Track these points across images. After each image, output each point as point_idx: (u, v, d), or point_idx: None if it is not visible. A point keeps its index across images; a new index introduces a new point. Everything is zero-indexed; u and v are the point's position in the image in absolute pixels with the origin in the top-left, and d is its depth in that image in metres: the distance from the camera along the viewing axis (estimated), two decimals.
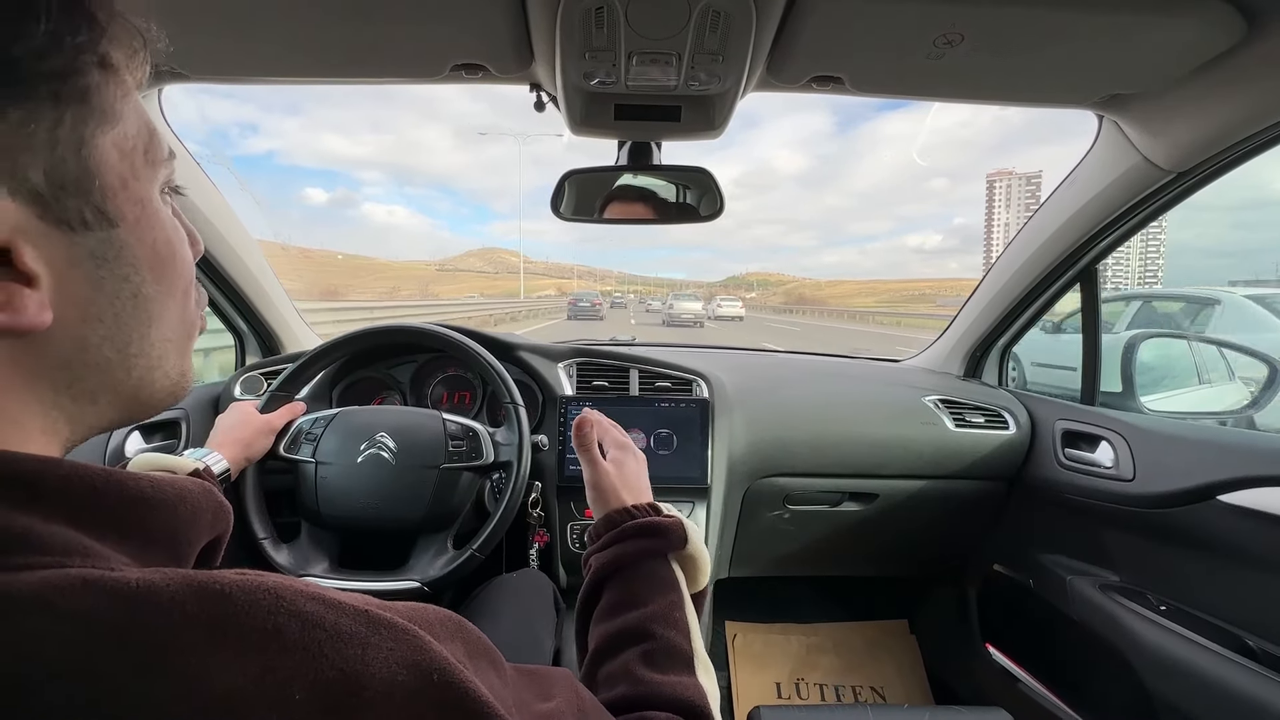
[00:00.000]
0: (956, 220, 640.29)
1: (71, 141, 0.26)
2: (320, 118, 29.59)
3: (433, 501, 0.86)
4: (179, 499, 0.29)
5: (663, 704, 0.40)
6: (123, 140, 0.29)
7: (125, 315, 0.29)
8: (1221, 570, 0.92)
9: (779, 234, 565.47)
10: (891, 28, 0.69)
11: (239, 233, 1.18)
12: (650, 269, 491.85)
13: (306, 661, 0.22)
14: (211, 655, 0.21)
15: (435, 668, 0.24)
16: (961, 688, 1.46)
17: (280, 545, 0.87)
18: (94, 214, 0.27)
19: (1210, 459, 0.92)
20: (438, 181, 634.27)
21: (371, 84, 0.89)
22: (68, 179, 0.26)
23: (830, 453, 1.23)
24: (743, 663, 1.57)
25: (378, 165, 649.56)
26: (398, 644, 0.24)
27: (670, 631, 0.45)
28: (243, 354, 1.36)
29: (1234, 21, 0.65)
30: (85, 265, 0.27)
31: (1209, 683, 0.85)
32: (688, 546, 0.51)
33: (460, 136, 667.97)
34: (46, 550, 0.23)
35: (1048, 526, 1.23)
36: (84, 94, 0.27)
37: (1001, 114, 44.06)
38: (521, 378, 1.14)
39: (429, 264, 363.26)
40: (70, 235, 0.27)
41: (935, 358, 1.53)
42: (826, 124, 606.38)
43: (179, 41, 0.30)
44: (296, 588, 0.24)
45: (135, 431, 1.02)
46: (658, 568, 0.50)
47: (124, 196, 0.29)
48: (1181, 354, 1.61)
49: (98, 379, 0.29)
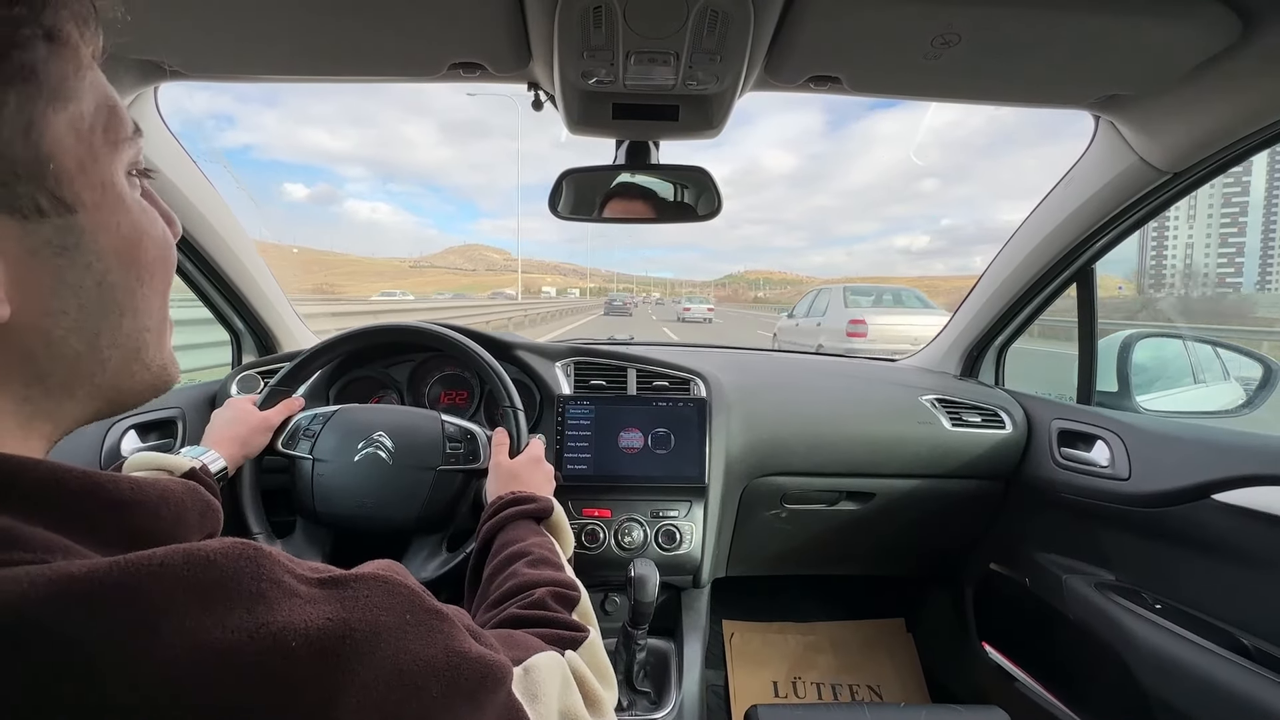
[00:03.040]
0: (945, 222, 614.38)
1: (18, 123, 0.25)
2: (300, 111, 28.64)
3: (428, 503, 0.86)
4: (161, 500, 0.28)
5: (543, 583, 0.53)
6: (78, 119, 0.27)
7: (91, 306, 0.28)
8: (1216, 569, 0.92)
9: (767, 234, 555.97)
10: (889, 28, 0.69)
11: (235, 231, 1.18)
12: (639, 268, 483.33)
13: (295, 617, 0.24)
14: (205, 614, 0.22)
15: (407, 604, 0.28)
16: (958, 686, 1.47)
17: (274, 541, 0.86)
18: (49, 200, 0.26)
19: (1205, 458, 0.93)
20: (423, 178, 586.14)
21: (368, 83, 0.88)
22: (17, 164, 0.25)
23: (827, 452, 1.23)
24: (740, 661, 1.58)
25: (361, 161, 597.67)
26: (372, 591, 0.27)
27: (545, 553, 0.60)
28: (239, 353, 1.36)
29: (1230, 22, 0.66)
30: (43, 254, 0.26)
31: (1204, 681, 0.85)
32: (553, 516, 0.70)
33: (445, 131, 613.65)
34: (29, 548, 0.23)
35: (1044, 525, 1.23)
36: (29, 70, 0.25)
37: (994, 115, 44.08)
38: (519, 377, 1.14)
39: (403, 261, 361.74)
40: (24, 223, 0.25)
41: (932, 357, 1.54)
42: (818, 123, 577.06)
43: (176, 39, 0.30)
44: (273, 557, 0.26)
45: (131, 430, 1.02)
46: (531, 526, 0.67)
47: (82, 181, 0.27)
48: (1176, 354, 1.61)
49: (69, 372, 0.28)
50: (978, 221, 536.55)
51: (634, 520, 1.07)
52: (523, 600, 0.51)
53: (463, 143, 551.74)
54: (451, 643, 0.28)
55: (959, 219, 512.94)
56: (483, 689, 0.29)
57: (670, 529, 1.07)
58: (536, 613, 0.49)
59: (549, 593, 0.51)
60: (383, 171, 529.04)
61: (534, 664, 0.38)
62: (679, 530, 1.07)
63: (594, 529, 1.06)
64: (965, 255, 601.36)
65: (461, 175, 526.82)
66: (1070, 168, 1.08)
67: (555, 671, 0.40)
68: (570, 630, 0.47)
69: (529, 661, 0.38)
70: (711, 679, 1.53)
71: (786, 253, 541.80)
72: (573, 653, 0.44)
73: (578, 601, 0.53)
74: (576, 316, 26.06)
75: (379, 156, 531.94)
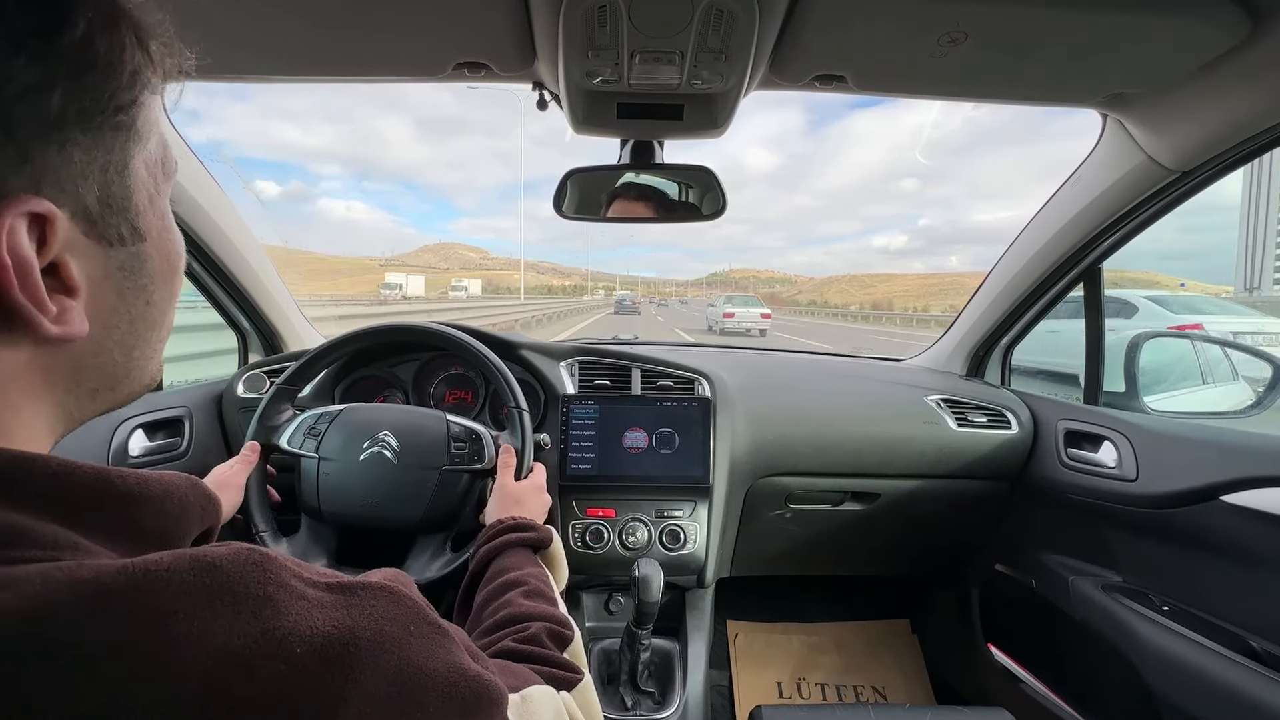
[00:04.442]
0: (922, 221, 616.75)
1: (119, 163, 0.28)
2: (271, 106, 28.04)
3: (432, 503, 0.86)
4: (165, 494, 0.29)
5: (538, 617, 0.53)
6: (149, 157, 0.30)
7: (138, 322, 0.31)
8: (1225, 571, 0.91)
9: (747, 234, 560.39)
10: (895, 26, 0.69)
11: (242, 232, 1.19)
12: (620, 268, 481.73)
13: (300, 622, 0.24)
14: (212, 618, 0.22)
15: (412, 616, 0.28)
16: (963, 688, 1.46)
17: (280, 538, 0.87)
18: (129, 230, 0.29)
19: (1214, 459, 0.92)
20: (400, 176, 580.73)
21: (374, 83, 0.89)
22: (114, 199, 0.28)
23: (832, 452, 1.23)
24: (744, 662, 1.57)
25: (336, 158, 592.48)
26: (378, 601, 0.27)
27: (541, 585, 0.59)
28: (245, 352, 1.37)
29: (1239, 20, 0.65)
30: (114, 277, 0.29)
31: (1212, 684, 0.84)
32: (550, 548, 0.69)
33: (422, 128, 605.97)
34: (39, 545, 0.23)
35: (1050, 526, 1.23)
36: (133, 120, 0.28)
37: (972, 115, 42.43)
38: (524, 376, 1.14)
39: (372, 260, 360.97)
40: (107, 250, 0.28)
41: (938, 357, 1.53)
42: (799, 122, 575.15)
43: (184, 41, 0.31)
44: (280, 561, 0.26)
45: (139, 429, 1.02)
46: (528, 556, 0.65)
47: (151, 212, 0.31)
48: (1184, 354, 1.60)
49: (101, 379, 0.31)
50: (953, 221, 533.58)
51: (638, 520, 1.07)
52: (518, 634, 0.51)
53: (440, 140, 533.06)
54: (452, 659, 0.29)
55: (935, 219, 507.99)
56: (479, 709, 0.29)
57: (675, 529, 1.07)
58: (532, 649, 0.48)
59: (544, 629, 0.51)
60: (359, 169, 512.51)
61: (530, 694, 0.39)
62: (683, 530, 1.07)
63: (598, 529, 1.06)
64: (942, 255, 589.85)
65: (439, 173, 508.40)
66: (1077, 166, 1.07)
67: (549, 705, 0.40)
68: (566, 671, 0.47)
69: (526, 691, 0.39)
70: (716, 679, 1.52)
71: (767, 252, 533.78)
72: (567, 694, 0.44)
73: (570, 641, 0.53)
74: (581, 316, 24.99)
75: (355, 154, 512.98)
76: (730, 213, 1.05)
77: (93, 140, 0.26)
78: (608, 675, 1.04)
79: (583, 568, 1.08)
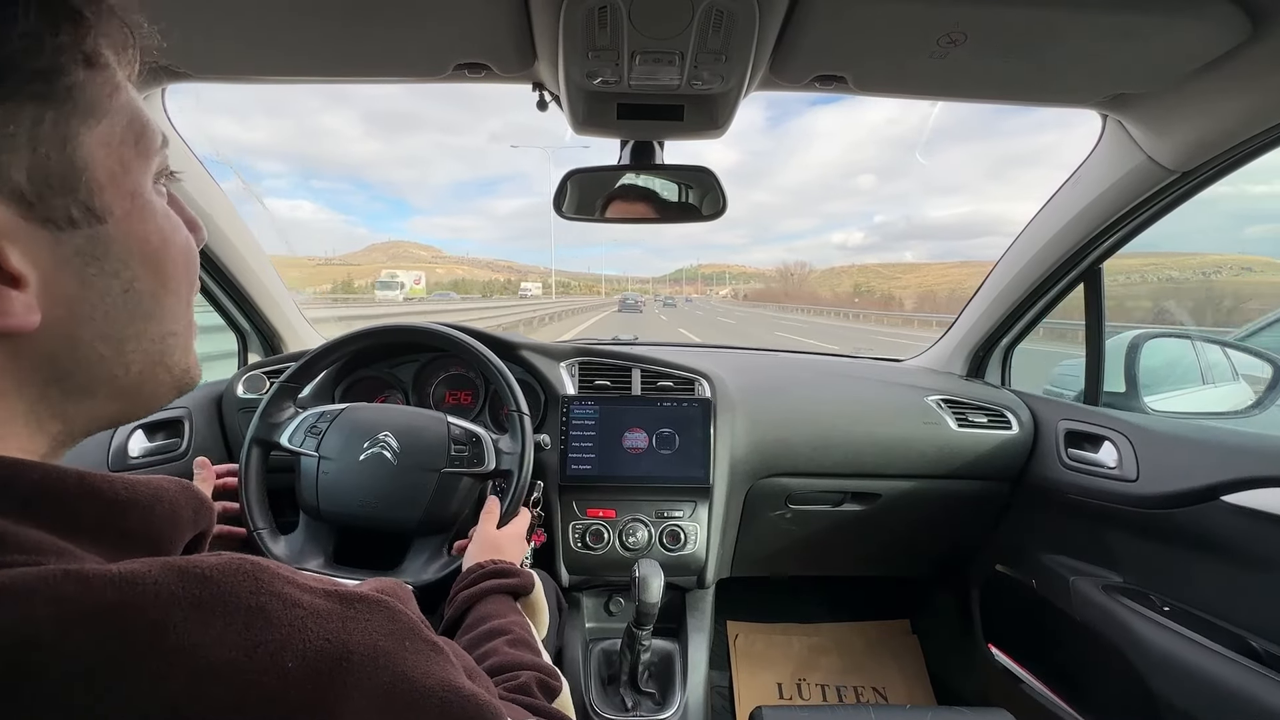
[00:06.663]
0: (878, 219, 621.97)
1: (55, 139, 0.26)
2: (201, 98, 26.39)
3: (430, 504, 0.86)
4: (154, 499, 0.28)
5: (526, 666, 0.52)
6: (109, 134, 0.28)
7: (118, 312, 0.29)
8: (1226, 572, 0.91)
9: (708, 231, 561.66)
10: (895, 27, 0.69)
11: (242, 232, 1.19)
12: (582, 265, 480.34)
13: (293, 635, 0.23)
14: (201, 631, 0.22)
15: (407, 631, 0.28)
16: (964, 688, 1.46)
17: (278, 537, 0.87)
18: (81, 211, 0.27)
19: (1214, 459, 0.92)
20: (349, 173, 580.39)
21: (374, 83, 0.89)
22: (52, 177, 0.26)
23: (832, 452, 1.23)
24: (744, 663, 1.57)
25: (279, 155, 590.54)
26: (373, 614, 0.27)
27: (524, 635, 0.58)
28: (245, 352, 1.37)
29: (1239, 20, 0.65)
30: (74, 263, 0.27)
31: (1213, 685, 0.84)
32: (532, 595, 0.67)
33: (371, 122, 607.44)
34: (21, 550, 0.23)
35: (1050, 527, 1.23)
36: (67, 91, 0.26)
37: (929, 110, 42.37)
38: (524, 377, 1.14)
39: (312, 260, 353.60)
40: (57, 234, 0.26)
41: (938, 357, 1.53)
42: (760, 119, 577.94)
43: (181, 40, 0.30)
44: (272, 570, 0.25)
45: (139, 430, 1.02)
46: (509, 603, 0.64)
47: (113, 191, 0.28)
48: (1185, 354, 1.60)
49: (91, 375, 0.29)
50: (907, 217, 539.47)
51: (638, 521, 1.07)
52: (507, 682, 0.50)
53: (390, 137, 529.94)
54: (447, 676, 0.28)
55: (891, 215, 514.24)
56: None
57: (675, 529, 1.07)
58: (523, 698, 0.48)
59: (534, 678, 0.51)
60: (305, 167, 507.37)
61: None
62: (683, 531, 1.07)
63: (598, 529, 1.06)
64: (896, 250, 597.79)
65: (392, 171, 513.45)
66: (1078, 167, 1.07)
67: None
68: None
69: None
70: (716, 680, 1.52)
71: (728, 249, 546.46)
72: None
73: (559, 692, 0.52)
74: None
75: (301, 151, 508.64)
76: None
77: (8, 112, 0.24)
78: (608, 676, 1.04)
79: (583, 568, 1.08)
